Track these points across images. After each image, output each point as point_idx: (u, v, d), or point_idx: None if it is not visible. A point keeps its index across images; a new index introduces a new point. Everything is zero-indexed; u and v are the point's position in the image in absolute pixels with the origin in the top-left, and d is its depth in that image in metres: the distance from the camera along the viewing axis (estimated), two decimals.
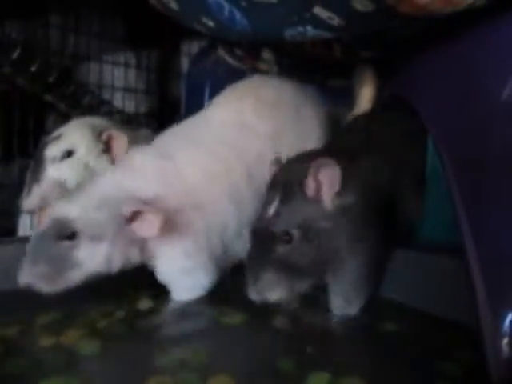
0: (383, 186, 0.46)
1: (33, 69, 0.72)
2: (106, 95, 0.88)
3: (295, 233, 0.41)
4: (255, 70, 0.69)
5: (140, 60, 0.93)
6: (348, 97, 0.64)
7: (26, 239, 0.45)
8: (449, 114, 0.43)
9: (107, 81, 0.89)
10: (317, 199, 0.42)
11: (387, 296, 0.48)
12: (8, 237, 0.61)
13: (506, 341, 0.32)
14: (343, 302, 0.46)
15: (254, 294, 0.41)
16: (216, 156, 0.50)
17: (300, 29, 0.45)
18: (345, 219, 0.42)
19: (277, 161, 0.47)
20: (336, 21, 0.43)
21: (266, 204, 0.43)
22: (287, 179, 0.43)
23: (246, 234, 0.48)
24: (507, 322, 0.32)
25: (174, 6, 0.51)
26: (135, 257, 0.46)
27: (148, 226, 0.43)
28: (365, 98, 0.60)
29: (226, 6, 0.46)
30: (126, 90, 0.91)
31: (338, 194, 0.42)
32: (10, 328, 0.41)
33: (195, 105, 0.80)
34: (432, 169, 0.51)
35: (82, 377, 0.33)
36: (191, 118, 0.55)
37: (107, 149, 0.58)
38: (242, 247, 0.50)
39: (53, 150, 0.57)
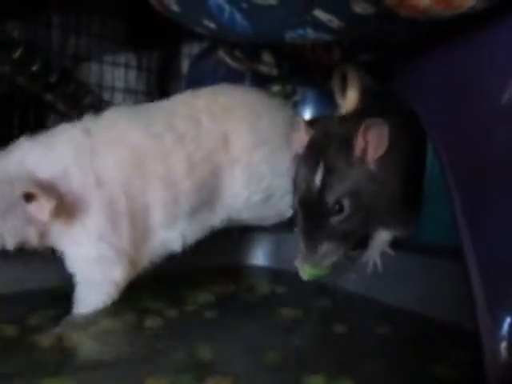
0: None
1: (34, 68, 0.72)
2: (107, 96, 0.88)
3: (346, 201, 0.41)
4: (255, 72, 0.69)
5: (141, 61, 0.93)
6: None
7: None
8: (449, 116, 0.43)
9: (108, 81, 0.89)
10: (362, 161, 0.41)
11: (383, 299, 0.48)
12: None
13: (504, 344, 0.32)
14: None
15: (310, 267, 0.42)
16: (155, 138, 0.49)
17: (300, 31, 0.45)
18: (389, 180, 0.42)
19: (306, 125, 0.46)
20: (336, 23, 0.43)
21: (309, 172, 0.42)
22: (328, 142, 0.43)
23: (184, 228, 0.48)
24: (506, 326, 0.32)
25: (174, 7, 0.51)
26: (32, 237, 0.44)
27: (40, 210, 0.42)
28: (350, 100, 0.59)
29: (227, 8, 0.46)
30: (127, 90, 0.91)
31: (384, 154, 0.41)
32: (10, 326, 0.40)
33: None
34: (431, 172, 0.51)
35: (78, 377, 0.33)
36: (145, 105, 0.55)
37: None
38: (175, 241, 0.49)
39: None
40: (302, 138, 0.46)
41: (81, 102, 0.80)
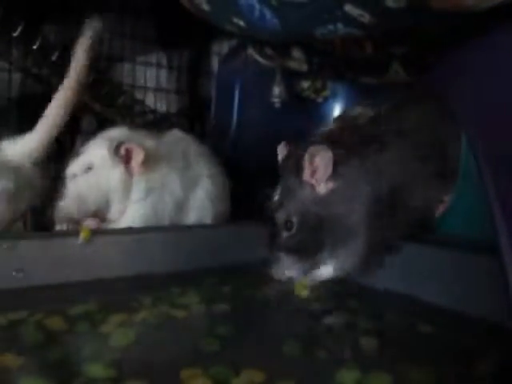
0: (386, 176, 0.47)
1: None
2: (139, 95, 0.90)
3: (295, 220, 0.46)
4: (285, 69, 0.69)
5: (171, 60, 0.94)
6: (379, 95, 0.63)
7: None
8: (486, 112, 0.42)
9: (140, 81, 0.91)
10: (312, 184, 0.45)
11: (422, 296, 0.47)
12: None
13: None
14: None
15: (275, 274, 0.47)
16: None
17: (330, 27, 0.45)
18: (339, 202, 0.45)
19: (283, 148, 0.51)
20: (367, 18, 0.42)
21: (275, 191, 0.48)
22: (286, 168, 0.48)
23: None
24: None
25: (205, 7, 0.52)
26: None
27: None
28: None
29: (257, 6, 0.46)
30: (158, 90, 0.92)
31: (331, 178, 0.45)
32: (50, 317, 0.42)
33: (225, 104, 0.81)
34: (465, 168, 0.50)
35: (114, 365, 0.34)
36: None
37: (126, 161, 0.58)
38: None
39: (73, 168, 0.59)
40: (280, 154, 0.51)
41: (115, 101, 0.82)
